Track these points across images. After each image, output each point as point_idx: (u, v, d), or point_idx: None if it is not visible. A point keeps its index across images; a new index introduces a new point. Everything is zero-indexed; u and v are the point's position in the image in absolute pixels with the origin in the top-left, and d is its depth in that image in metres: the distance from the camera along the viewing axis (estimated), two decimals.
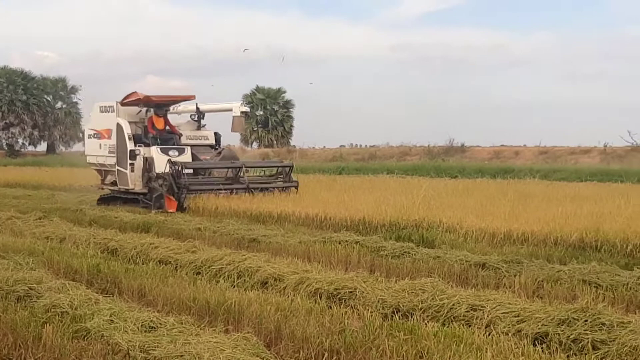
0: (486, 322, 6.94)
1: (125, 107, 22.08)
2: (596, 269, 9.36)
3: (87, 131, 23.64)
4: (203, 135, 23.19)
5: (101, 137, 22.42)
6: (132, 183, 21.04)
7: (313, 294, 8.45)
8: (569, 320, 6.48)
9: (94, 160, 23.06)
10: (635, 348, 5.83)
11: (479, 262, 10.21)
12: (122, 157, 21.40)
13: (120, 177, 21.53)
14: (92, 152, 23.05)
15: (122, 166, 21.38)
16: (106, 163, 22.29)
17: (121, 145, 21.50)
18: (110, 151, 21.95)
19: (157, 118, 22.13)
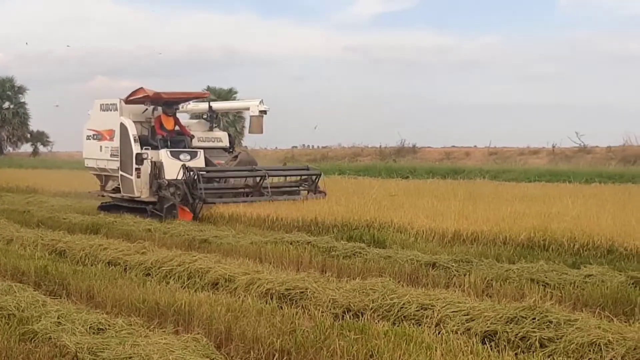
0: (436, 321, 6.98)
1: (130, 106, 19.71)
2: (544, 268, 9.47)
3: (86, 131, 20.85)
4: (216, 136, 20.84)
5: (102, 139, 19.99)
6: (138, 190, 18.56)
7: (264, 294, 8.42)
8: (517, 318, 6.55)
9: (93, 164, 20.60)
10: (582, 345, 5.91)
11: (430, 261, 10.27)
12: (126, 161, 18.91)
13: (125, 184, 19.01)
14: (91, 154, 20.57)
15: (126, 171, 18.91)
16: (108, 167, 19.90)
17: (126, 148, 18.99)
18: (113, 154, 19.51)
19: (166, 117, 19.66)
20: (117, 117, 19.33)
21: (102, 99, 20.34)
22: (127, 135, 18.87)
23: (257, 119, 19.83)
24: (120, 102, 19.45)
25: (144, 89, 19.16)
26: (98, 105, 20.31)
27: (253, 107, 19.90)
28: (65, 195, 25.56)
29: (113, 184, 20.07)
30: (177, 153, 18.63)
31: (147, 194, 18.48)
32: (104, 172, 20.26)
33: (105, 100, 20.08)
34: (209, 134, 20.62)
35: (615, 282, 8.60)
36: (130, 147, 18.71)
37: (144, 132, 19.39)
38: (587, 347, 5.88)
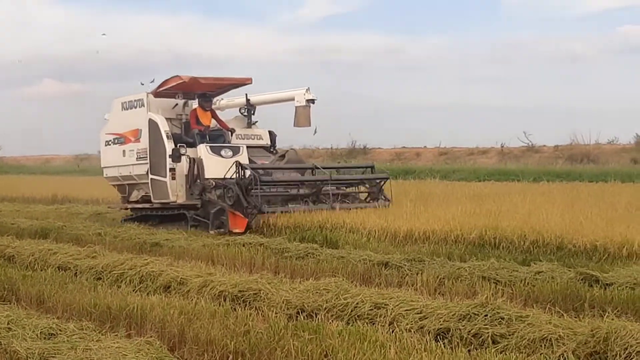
0: (389, 319, 7.00)
1: (159, 100, 17.56)
2: (495, 266, 9.58)
3: (104, 137, 18.59)
4: (256, 134, 18.46)
5: (125, 142, 17.71)
6: (174, 194, 16.34)
7: (217, 296, 8.38)
8: (469, 315, 6.60)
9: (114, 173, 18.23)
10: (533, 341, 5.98)
11: (382, 261, 10.33)
12: (158, 162, 16.69)
13: (156, 188, 16.74)
14: (112, 162, 18.14)
15: (158, 173, 16.67)
16: (133, 174, 17.54)
17: (156, 147, 16.77)
18: (140, 157, 17.22)
19: (202, 111, 17.55)
20: (144, 113, 17.20)
21: (122, 97, 18.18)
22: (157, 132, 16.79)
23: (303, 109, 17.47)
24: (147, 97, 17.37)
25: (179, 77, 17.15)
26: (118, 104, 18.15)
27: (299, 97, 17.52)
28: (13, 200, 25.20)
29: (139, 193, 17.85)
30: (217, 149, 16.57)
31: (183, 198, 16.40)
32: (128, 181, 17.96)
33: (128, 98, 17.92)
34: (247, 131, 18.40)
35: (565, 278, 8.73)
36: (162, 145, 16.57)
37: (174, 130, 17.34)
38: (539, 343, 5.94)
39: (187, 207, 16.25)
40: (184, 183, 16.37)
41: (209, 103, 17.70)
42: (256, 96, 18.53)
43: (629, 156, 39.00)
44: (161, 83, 17.25)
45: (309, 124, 17.45)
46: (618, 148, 42.81)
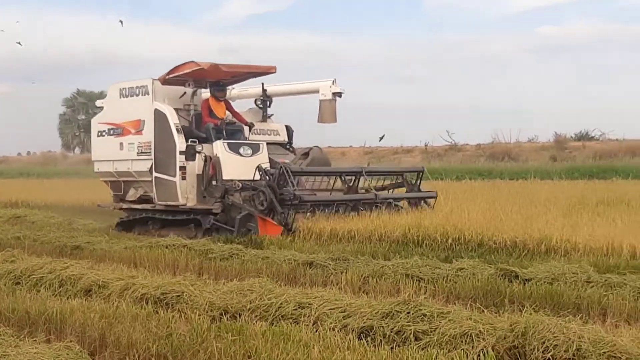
0: (314, 319, 7.00)
1: (167, 88, 15.65)
2: (418, 263, 9.68)
3: (96, 127, 16.67)
4: (272, 129, 16.76)
5: (123, 133, 15.89)
6: (183, 196, 14.66)
7: (139, 299, 8.26)
8: (392, 313, 6.65)
9: (108, 168, 16.38)
10: (455, 337, 6.04)
11: (307, 260, 10.35)
12: (165, 159, 14.97)
13: (162, 188, 15.04)
14: (107, 155, 16.32)
15: (165, 172, 14.95)
16: (132, 170, 15.79)
17: (164, 142, 14.99)
18: (142, 152, 15.47)
19: (215, 102, 15.70)
20: (149, 102, 15.34)
21: (120, 82, 16.22)
22: (165, 125, 14.96)
23: (329, 103, 15.94)
24: (153, 84, 15.43)
25: (195, 62, 15.14)
26: (116, 90, 16.16)
27: (324, 89, 15.95)
28: None
29: (137, 192, 16.10)
30: (236, 146, 14.85)
31: (194, 201, 14.76)
32: (126, 177, 16.17)
33: (129, 83, 15.89)
34: (263, 126, 16.59)
35: (485, 275, 8.87)
36: (171, 140, 14.80)
37: (181, 122, 15.50)
38: (460, 338, 6.01)
39: (199, 212, 14.57)
40: (196, 184, 14.72)
41: (223, 92, 15.90)
42: (274, 86, 16.85)
43: (548, 154, 39.83)
44: (172, 69, 15.28)
45: (335, 120, 16.05)
46: (537, 146, 43.69)
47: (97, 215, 18.52)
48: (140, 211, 15.92)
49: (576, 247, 10.60)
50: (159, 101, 15.29)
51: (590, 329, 5.86)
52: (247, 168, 14.18)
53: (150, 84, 15.40)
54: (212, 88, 15.73)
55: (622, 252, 10.16)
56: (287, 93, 17.12)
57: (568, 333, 5.68)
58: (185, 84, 15.62)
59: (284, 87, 17.00)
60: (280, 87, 16.98)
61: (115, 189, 16.58)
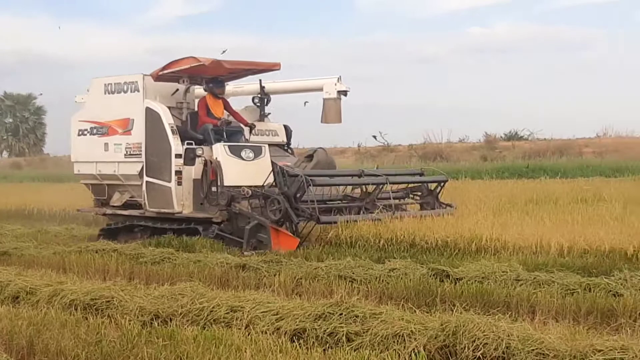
0: (246, 322, 6.96)
1: (159, 84, 14.39)
2: (351, 264, 9.73)
3: (76, 125, 15.35)
4: (271, 129, 15.58)
5: (108, 133, 14.65)
6: (179, 203, 13.51)
7: (68, 305, 8.10)
8: (325, 314, 6.65)
9: (90, 170, 15.11)
10: (387, 337, 6.07)
11: (240, 263, 10.31)
12: (158, 162, 13.79)
13: (154, 194, 13.88)
14: (89, 156, 15.06)
15: (157, 176, 13.79)
16: (119, 173, 14.56)
17: (156, 143, 13.81)
18: (131, 153, 14.28)
19: (213, 100, 14.48)
20: (139, 100, 14.11)
21: (105, 77, 14.91)
22: (158, 125, 13.77)
23: (334, 102, 15.03)
24: (143, 80, 14.21)
25: (195, 58, 13.94)
26: (100, 86, 14.86)
27: (329, 87, 15.00)
28: None
29: (122, 197, 14.86)
30: (237, 149, 13.64)
31: (190, 208, 13.61)
32: (110, 181, 14.92)
33: (116, 78, 14.64)
34: (261, 125, 15.36)
35: (417, 275, 8.94)
36: (165, 141, 13.60)
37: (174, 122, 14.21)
38: (392, 339, 6.04)
39: (198, 220, 13.44)
40: (192, 190, 13.59)
41: (222, 89, 14.69)
42: (275, 84, 15.79)
43: (479, 154, 40.30)
44: (167, 65, 14.13)
45: (340, 120, 15.22)
46: (468, 146, 44.19)
47: (25, 221, 18.15)
48: (127, 218, 14.70)
49: (506, 245, 10.76)
50: (150, 99, 14.12)
51: (519, 326, 5.95)
52: (250, 173, 13.26)
53: (141, 80, 14.21)
54: (210, 85, 14.55)
55: (550, 250, 10.35)
56: (288, 91, 16.33)
57: (497, 331, 5.75)
58: (180, 81, 14.48)
59: (284, 85, 16.09)
60: (279, 84, 16.00)
61: (98, 192, 15.32)
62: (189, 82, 14.48)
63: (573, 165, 29.57)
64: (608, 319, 7.02)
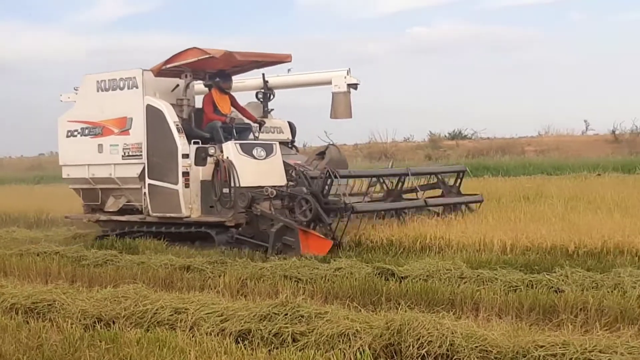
0: (190, 324, 6.92)
1: (156, 79, 13.43)
2: (297, 264, 9.73)
3: (65, 125, 14.41)
4: (275, 126, 14.79)
5: (103, 133, 13.71)
6: (187, 206, 12.66)
7: (9, 309, 7.97)
8: (270, 315, 6.63)
9: (82, 174, 14.15)
10: (332, 336, 6.07)
11: (184, 265, 10.23)
12: (163, 163, 12.94)
13: (159, 198, 13.02)
14: (80, 159, 14.15)
15: (162, 178, 12.91)
16: (116, 176, 13.66)
17: (160, 143, 12.94)
18: (130, 155, 13.35)
19: (220, 95, 13.65)
20: (139, 97, 13.20)
21: (98, 73, 14.00)
22: (162, 123, 12.87)
23: (344, 96, 14.37)
24: (142, 75, 13.26)
25: (201, 49, 13.03)
26: (92, 83, 13.93)
27: (338, 80, 14.30)
28: None
29: (118, 201, 13.96)
30: (248, 147, 12.76)
31: (198, 212, 12.80)
32: (105, 184, 13.97)
33: (110, 74, 13.70)
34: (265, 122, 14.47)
35: (363, 274, 8.97)
36: (170, 141, 12.73)
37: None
38: (337, 338, 6.04)
39: (210, 225, 12.52)
40: (200, 192, 12.80)
41: (229, 84, 13.79)
42: (279, 78, 15.03)
43: (424, 153, 40.63)
44: (170, 58, 13.15)
45: (350, 115, 14.51)
46: (413, 145, 44.52)
47: None
48: (125, 224, 13.65)
49: (450, 244, 10.85)
50: (149, 95, 13.20)
51: (463, 324, 6.01)
52: (262, 172, 12.52)
53: (140, 76, 13.22)
54: (217, 79, 13.63)
55: (493, 248, 10.46)
56: (294, 85, 15.54)
57: (442, 329, 5.80)
58: (182, 76, 13.51)
59: (290, 78, 15.28)
60: (285, 78, 15.21)
61: (90, 197, 14.29)
62: (191, 77, 13.57)
63: (515, 164, 30.00)
64: (550, 314, 7.11)
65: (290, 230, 11.42)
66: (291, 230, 11.41)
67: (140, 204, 13.45)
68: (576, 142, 38.94)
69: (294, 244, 11.27)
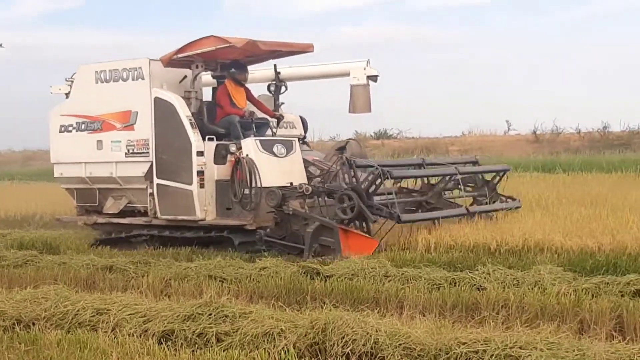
0: (112, 325, 6.80)
1: (163, 70, 12.38)
2: (221, 264, 9.68)
3: (58, 120, 13.33)
4: (288, 121, 13.61)
5: (103, 128, 12.67)
6: (202, 208, 11.73)
7: None
8: (194, 315, 6.57)
9: (78, 172, 13.07)
10: (256, 336, 6.05)
11: (107, 265, 10.10)
12: (174, 161, 11.96)
13: (170, 200, 12.04)
14: (75, 156, 13.07)
15: (174, 178, 11.94)
16: (117, 175, 12.61)
17: (170, 139, 11.97)
18: (135, 152, 12.35)
19: (235, 87, 12.62)
20: (145, 89, 12.18)
21: (97, 63, 12.94)
22: (172, 118, 11.91)
23: (363, 89, 13.58)
24: (149, 65, 12.26)
25: (221, 38, 11.98)
26: (90, 74, 12.88)
27: (357, 72, 13.46)
28: None
29: (118, 203, 12.91)
30: (269, 144, 11.92)
31: (213, 214, 11.88)
32: (103, 184, 12.93)
33: (111, 65, 12.67)
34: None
35: (288, 273, 8.97)
36: (183, 137, 11.77)
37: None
38: (262, 338, 6.02)
39: (229, 228, 11.63)
40: (215, 193, 11.88)
41: (244, 75, 12.76)
42: (292, 69, 14.05)
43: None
44: (183, 47, 12.13)
45: (369, 109, 13.70)
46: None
47: None
48: (127, 227, 12.73)
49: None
50: (157, 87, 12.20)
51: (387, 322, 6.04)
52: (283, 171, 11.72)
53: (147, 66, 12.20)
54: (232, 70, 12.61)
55: (417, 247, 10.56)
56: (308, 77, 14.58)
57: (366, 327, 5.82)
58: (192, 66, 12.43)
59: (304, 70, 14.35)
60: (298, 69, 14.27)
61: (85, 198, 13.20)
62: (202, 68, 12.52)
63: None
64: (472, 312, 7.21)
65: (329, 230, 10.57)
66: (329, 230, 10.56)
67: (144, 206, 12.52)
68: (499, 141, 39.62)
69: (334, 245, 10.38)
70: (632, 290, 7.40)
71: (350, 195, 10.59)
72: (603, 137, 37.02)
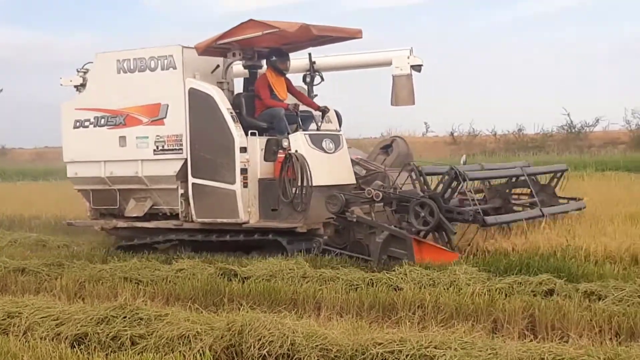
0: (24, 328, 6.68)
1: (197, 59, 11.30)
2: (137, 266, 9.59)
3: (72, 114, 12.10)
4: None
5: (126, 123, 11.56)
6: (245, 210, 10.72)
7: None
8: (108, 318, 6.47)
9: (96, 172, 11.91)
10: (172, 339, 5.98)
11: (19, 267, 9.89)
12: (213, 159, 10.94)
13: (208, 201, 10.99)
14: (93, 155, 11.90)
15: (213, 177, 10.92)
16: (144, 174, 11.51)
17: (209, 136, 10.94)
18: (165, 149, 11.27)
19: (276, 77, 11.56)
20: (178, 79, 11.10)
21: (115, 51, 11.81)
22: (211, 111, 10.86)
23: (406, 80, 12.44)
24: (182, 53, 11.17)
25: (267, 23, 10.85)
26: (111, 63, 11.73)
27: (400, 61, 12.34)
28: None
29: (144, 205, 11.74)
30: (318, 139, 11.00)
31: (257, 216, 10.84)
32: (125, 185, 11.81)
33: (136, 53, 11.56)
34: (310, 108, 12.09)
35: (205, 274, 8.90)
36: (225, 132, 10.76)
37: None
38: (177, 340, 5.96)
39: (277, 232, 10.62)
40: (258, 193, 10.89)
41: (286, 64, 11.64)
42: (326, 58, 12.82)
43: None
44: (223, 34, 11.02)
45: (413, 101, 12.59)
46: None
47: None
48: (154, 232, 11.60)
49: None
50: (191, 77, 11.11)
51: (304, 323, 6.05)
52: (332, 169, 10.93)
53: (179, 53, 11.12)
54: (273, 58, 11.57)
55: None
56: (346, 66, 13.48)
57: (283, 329, 5.81)
58: (228, 54, 11.38)
59: (341, 59, 13.20)
60: (335, 58, 13.12)
61: (103, 201, 12.04)
62: (240, 56, 11.47)
63: None
64: (389, 312, 7.27)
65: (399, 241, 9.54)
66: (400, 241, 9.53)
67: (172, 208, 11.52)
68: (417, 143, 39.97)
69: (406, 257, 9.29)
70: (543, 289, 7.55)
71: (429, 203, 9.62)
72: (518, 139, 37.68)
